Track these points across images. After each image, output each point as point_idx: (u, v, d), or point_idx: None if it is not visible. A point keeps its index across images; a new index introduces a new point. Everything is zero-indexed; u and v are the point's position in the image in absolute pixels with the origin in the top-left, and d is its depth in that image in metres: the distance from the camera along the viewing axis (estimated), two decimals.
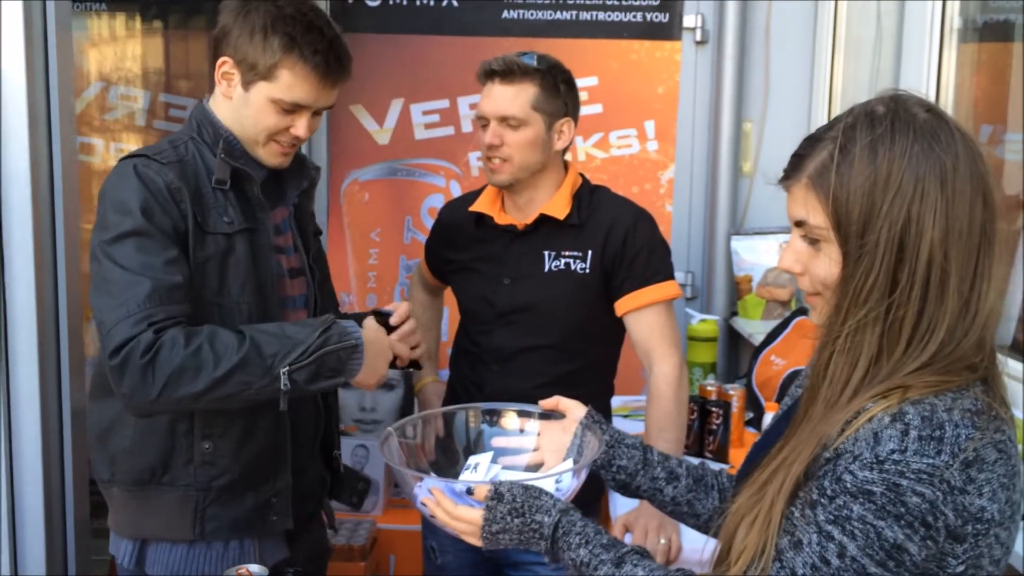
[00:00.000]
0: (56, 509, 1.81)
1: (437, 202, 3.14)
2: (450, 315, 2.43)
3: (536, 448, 1.44)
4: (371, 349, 1.57)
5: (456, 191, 3.19)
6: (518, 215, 2.03)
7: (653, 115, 3.21)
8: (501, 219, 2.03)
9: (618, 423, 2.48)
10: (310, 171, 1.77)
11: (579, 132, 3.26)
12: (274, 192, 1.71)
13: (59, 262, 1.77)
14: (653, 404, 1.92)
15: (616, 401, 2.51)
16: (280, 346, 1.48)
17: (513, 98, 1.92)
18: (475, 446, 1.46)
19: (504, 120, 1.92)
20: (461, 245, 2.09)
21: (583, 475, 1.32)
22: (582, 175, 2.09)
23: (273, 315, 1.62)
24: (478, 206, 2.07)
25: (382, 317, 1.68)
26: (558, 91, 1.96)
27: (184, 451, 1.60)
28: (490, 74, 1.95)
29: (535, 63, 1.93)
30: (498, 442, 1.46)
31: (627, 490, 1.38)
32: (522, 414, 1.49)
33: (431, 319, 2.28)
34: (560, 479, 1.31)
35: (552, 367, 1.97)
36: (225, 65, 1.59)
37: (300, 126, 1.60)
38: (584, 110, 3.33)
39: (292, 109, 1.58)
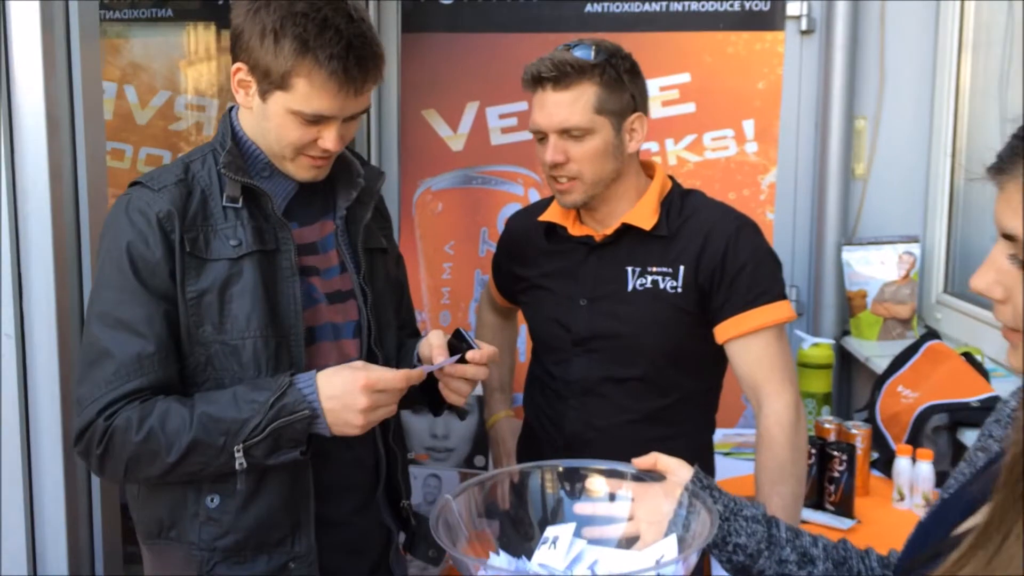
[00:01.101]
0: (84, 531, 1.64)
1: (515, 211, 2.90)
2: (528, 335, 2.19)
3: (630, 517, 1.18)
4: (334, 409, 1.34)
5: (534, 198, 2.95)
6: (596, 225, 1.76)
7: (752, 113, 2.92)
8: (576, 229, 1.77)
9: (718, 461, 2.19)
10: (358, 177, 1.53)
11: (670, 134, 3.03)
12: (315, 204, 1.50)
13: (84, 275, 1.60)
14: (765, 452, 1.63)
15: (715, 436, 2.23)
16: (231, 423, 1.32)
17: (572, 104, 1.64)
18: (553, 515, 1.20)
19: (565, 132, 1.65)
20: (530, 260, 1.83)
21: (692, 560, 1.05)
22: (672, 178, 1.80)
23: (293, 350, 1.41)
24: (549, 215, 1.80)
25: (461, 343, 1.45)
26: (622, 84, 1.67)
27: (191, 504, 1.41)
28: (539, 80, 1.67)
29: (591, 57, 1.64)
30: (582, 509, 1.20)
31: (746, 574, 1.11)
32: (612, 475, 1.22)
33: (503, 344, 2.03)
34: (662, 558, 1.05)
35: (641, 402, 1.70)
36: (240, 72, 1.38)
37: (328, 138, 1.37)
38: (675, 110, 3.10)
39: (316, 120, 1.36)
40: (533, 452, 1.80)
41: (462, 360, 1.43)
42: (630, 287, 1.70)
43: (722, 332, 1.67)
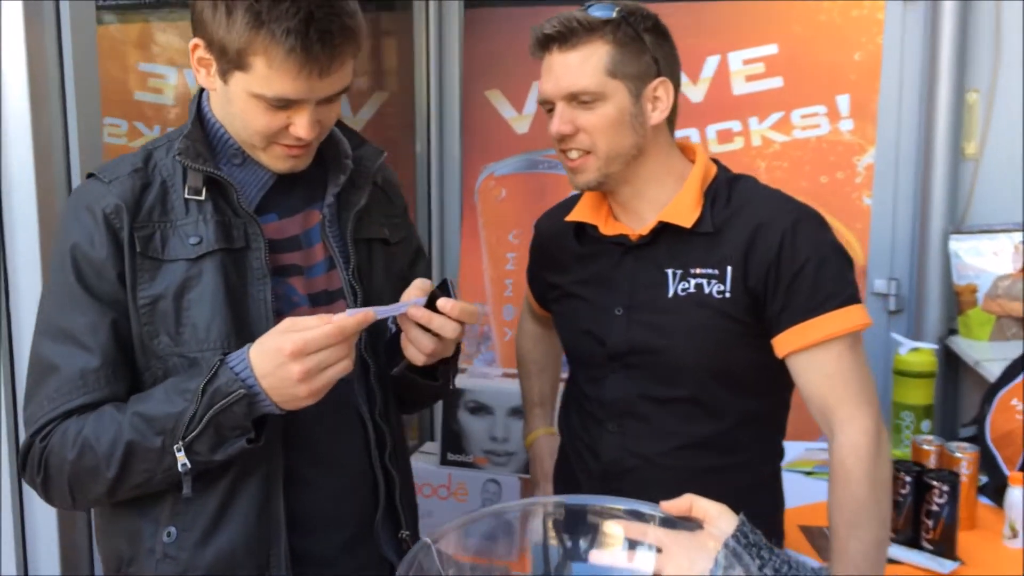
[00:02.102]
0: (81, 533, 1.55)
1: None
2: None
3: (655, 574, 0.98)
4: (273, 387, 1.15)
5: None
6: (631, 222, 1.53)
7: (848, 88, 2.63)
8: (608, 228, 1.54)
9: (797, 483, 1.95)
10: (345, 159, 1.34)
11: (754, 112, 2.76)
12: (299, 192, 1.32)
13: None
14: (840, 489, 1.39)
15: (793, 450, 1.99)
16: (165, 419, 1.16)
17: (580, 66, 1.41)
18: (559, 568, 1.01)
19: (573, 98, 1.43)
20: (562, 265, 1.62)
21: None
22: (717, 162, 1.56)
23: None
24: (577, 213, 1.58)
25: (443, 290, 1.25)
26: (641, 43, 1.44)
27: (147, 539, 1.25)
28: (544, 42, 1.44)
29: (601, 13, 1.42)
30: (598, 559, 1.00)
31: None
32: (633, 516, 1.02)
33: (544, 355, 1.83)
34: None
35: (689, 426, 1.47)
36: (198, 49, 1.21)
37: (300, 125, 1.19)
38: (760, 85, 2.82)
39: (283, 105, 1.18)
40: (568, 480, 1.61)
41: (433, 309, 1.21)
42: (670, 293, 1.47)
43: (782, 344, 1.43)
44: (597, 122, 1.42)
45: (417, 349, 1.24)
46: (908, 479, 1.71)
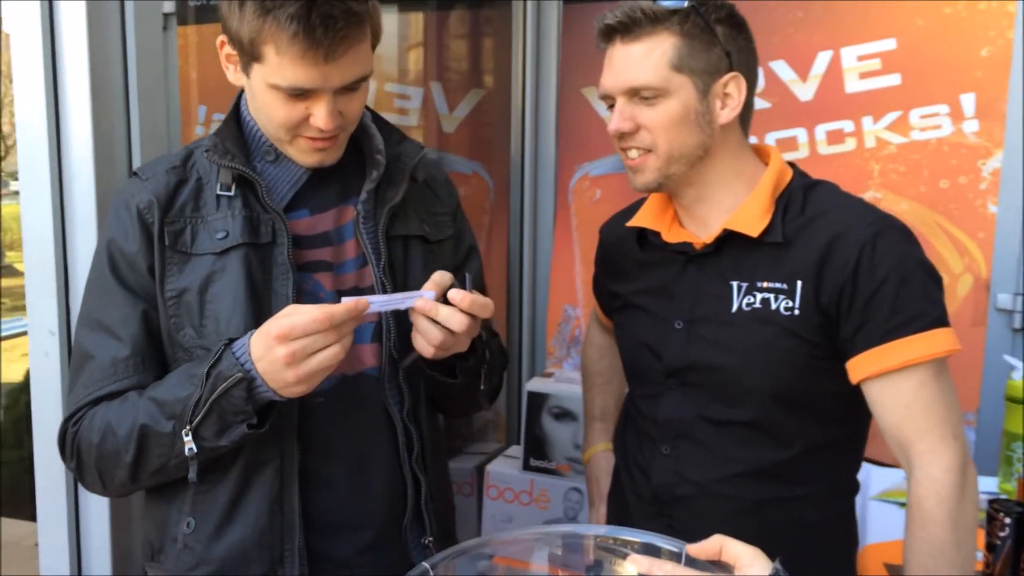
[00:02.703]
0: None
1: None
2: None
3: None
4: (266, 371, 1.15)
5: None
6: (696, 228, 1.43)
7: (973, 86, 2.42)
8: (672, 235, 1.45)
9: (889, 515, 1.80)
10: (376, 154, 1.33)
11: (869, 111, 2.58)
12: (333, 188, 1.32)
13: None
14: (915, 529, 1.26)
15: (886, 478, 1.83)
16: (175, 403, 1.18)
17: (643, 59, 1.32)
18: None
19: (634, 93, 1.34)
20: (624, 273, 1.53)
21: None
22: (794, 166, 1.44)
23: None
24: (639, 219, 1.49)
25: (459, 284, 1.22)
26: (711, 36, 1.34)
27: (172, 528, 1.28)
28: (607, 32, 1.37)
29: (668, 2, 1.33)
30: None
31: None
32: (649, 551, 0.94)
33: (609, 367, 1.75)
34: None
35: (749, 452, 1.36)
36: (224, 46, 1.23)
37: (319, 115, 1.20)
38: (876, 82, 2.63)
39: (299, 94, 1.18)
40: (620, 502, 1.52)
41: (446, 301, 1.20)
42: (734, 307, 1.36)
43: (857, 369, 1.30)
44: (659, 119, 1.34)
45: (425, 340, 1.21)
46: (1008, 520, 1.54)
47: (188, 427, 1.17)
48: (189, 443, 1.18)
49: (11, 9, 1.41)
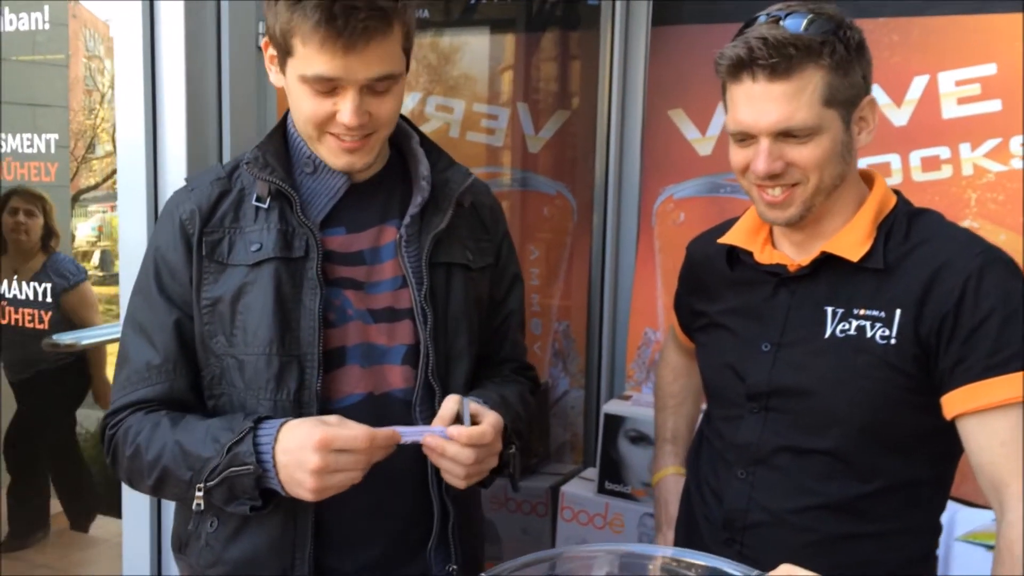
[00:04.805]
0: None
1: None
2: None
3: None
4: (287, 465, 1.17)
5: None
6: (792, 250, 1.40)
7: None
8: (765, 256, 1.41)
9: (975, 557, 1.72)
10: (422, 180, 1.34)
11: (967, 138, 2.49)
12: (374, 208, 1.34)
13: None
14: (1006, 574, 1.20)
15: (974, 519, 1.76)
16: (195, 459, 1.21)
17: (794, 98, 1.26)
18: None
19: (784, 134, 1.28)
20: (711, 292, 1.51)
21: None
22: (899, 193, 1.39)
23: (306, 373, 1.26)
24: (731, 237, 1.46)
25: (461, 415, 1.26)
26: (852, 63, 1.28)
27: (199, 524, 1.33)
28: (744, 66, 1.28)
29: (815, 30, 1.26)
30: None
31: None
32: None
33: (683, 389, 1.72)
34: None
35: (830, 484, 1.32)
36: (269, 47, 1.27)
37: (345, 109, 1.21)
38: (975, 108, 2.54)
39: (325, 88, 1.20)
40: (690, 524, 1.49)
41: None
42: (828, 332, 1.32)
43: (952, 404, 1.26)
44: (812, 156, 1.29)
45: (453, 476, 1.25)
46: None
47: (202, 485, 1.21)
48: (200, 499, 1.22)
49: (115, 30, 1.49)
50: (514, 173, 2.89)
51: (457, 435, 1.21)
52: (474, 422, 1.25)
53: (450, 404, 1.26)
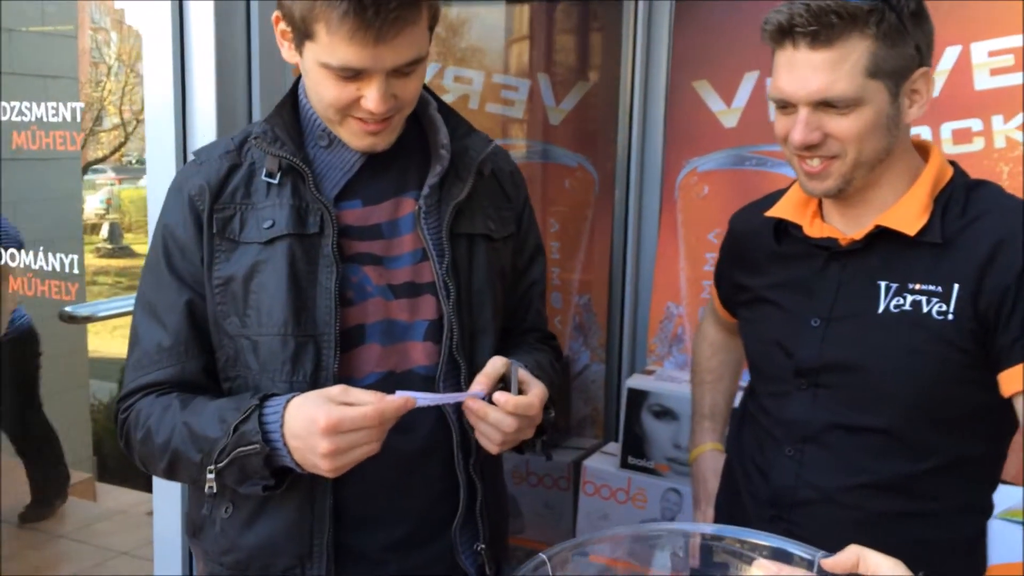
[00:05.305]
0: None
1: None
2: None
3: None
4: (298, 448, 1.14)
5: None
6: (843, 224, 1.36)
7: None
8: (814, 229, 1.38)
9: (1008, 535, 1.71)
10: (441, 149, 1.29)
11: (999, 110, 2.45)
12: (390, 179, 1.29)
13: None
14: None
15: (1007, 497, 1.74)
16: (204, 440, 1.18)
17: (835, 67, 1.22)
18: None
19: (824, 103, 1.25)
20: (757, 266, 1.47)
21: None
22: (955, 165, 1.36)
23: (323, 353, 1.22)
24: (779, 209, 1.43)
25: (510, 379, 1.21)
26: (904, 33, 1.24)
27: (213, 510, 1.30)
28: (787, 32, 1.25)
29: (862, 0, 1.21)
30: None
31: None
32: (779, 557, 0.90)
33: (721, 364, 1.70)
34: None
35: (881, 462, 1.30)
36: (280, 23, 1.21)
37: (370, 97, 1.16)
38: (1007, 80, 2.49)
39: (350, 75, 1.15)
40: (733, 502, 1.47)
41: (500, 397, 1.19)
42: (881, 308, 1.29)
43: (1009, 381, 1.23)
44: (852, 128, 1.26)
45: (488, 440, 1.21)
46: None
47: (212, 467, 1.18)
48: (211, 481, 1.19)
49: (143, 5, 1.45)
50: (534, 145, 2.85)
51: (503, 402, 1.18)
52: (520, 391, 1.21)
53: (497, 365, 1.21)
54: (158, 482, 1.61)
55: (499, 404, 1.18)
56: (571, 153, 2.83)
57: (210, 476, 1.18)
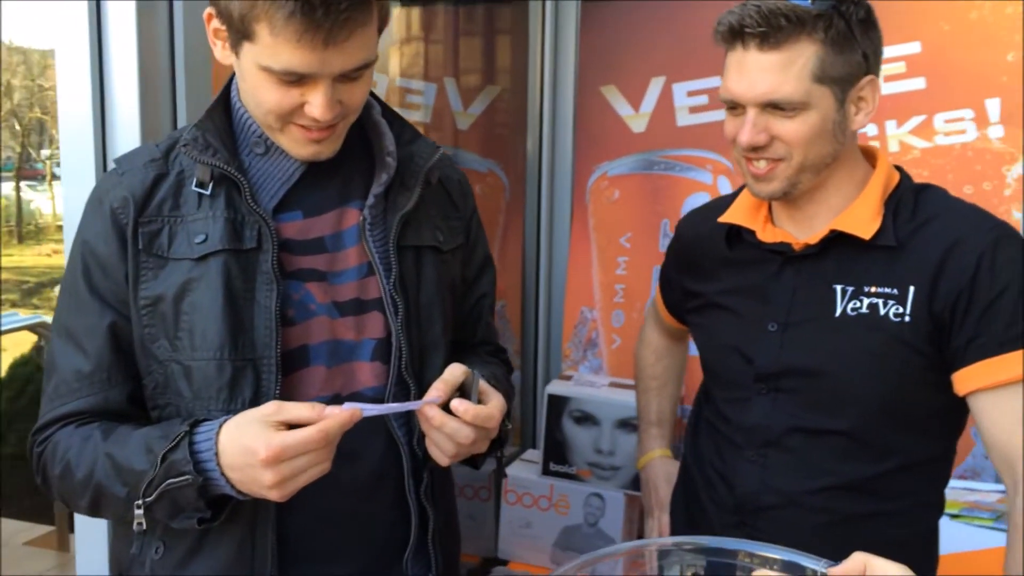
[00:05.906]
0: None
1: (702, 202, 2.55)
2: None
3: None
4: (241, 481, 1.07)
5: (725, 188, 2.58)
6: (795, 229, 1.39)
7: (999, 91, 2.42)
8: (767, 234, 1.40)
9: (942, 528, 1.77)
10: (387, 156, 1.23)
11: (893, 115, 2.56)
12: (332, 188, 1.22)
13: None
14: (1018, 553, 1.23)
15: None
16: (129, 473, 1.09)
17: (783, 70, 1.25)
18: None
19: (771, 106, 1.27)
20: (707, 272, 1.48)
21: None
22: (900, 168, 1.40)
23: (263, 378, 1.14)
24: (732, 215, 1.44)
25: (469, 389, 1.16)
26: (852, 40, 1.26)
27: (141, 550, 1.19)
28: (738, 34, 1.28)
29: (812, 4, 1.24)
30: None
31: None
32: (789, 569, 0.89)
33: (666, 370, 1.70)
34: None
35: (844, 464, 1.33)
36: (212, 20, 1.12)
37: (315, 103, 1.09)
38: (900, 86, 2.62)
39: (294, 79, 1.08)
40: (693, 510, 1.48)
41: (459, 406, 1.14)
42: (838, 311, 1.32)
43: (965, 381, 1.27)
44: (798, 132, 1.27)
45: (440, 451, 1.15)
46: None
47: (140, 501, 1.09)
48: (140, 517, 1.09)
49: None
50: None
51: (463, 412, 1.12)
52: (479, 401, 1.16)
53: (456, 372, 1.15)
54: (79, 516, 1.48)
55: (458, 413, 1.12)
56: (481, 159, 2.80)
57: (138, 512, 1.08)
